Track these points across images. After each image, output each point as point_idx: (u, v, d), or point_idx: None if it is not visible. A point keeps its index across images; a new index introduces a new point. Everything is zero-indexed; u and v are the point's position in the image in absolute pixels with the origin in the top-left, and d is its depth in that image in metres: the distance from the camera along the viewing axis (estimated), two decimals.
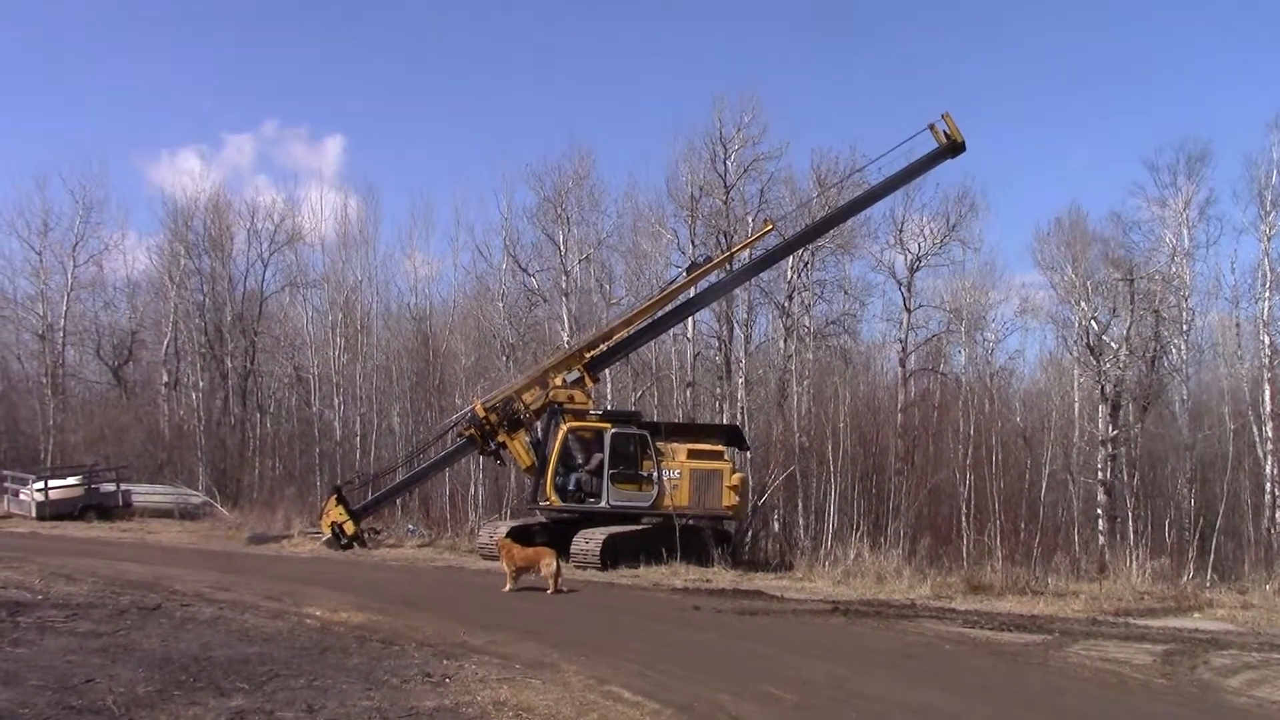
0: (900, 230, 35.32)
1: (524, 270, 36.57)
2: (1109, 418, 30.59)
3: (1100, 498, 30.07)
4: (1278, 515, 27.92)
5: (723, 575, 17.68)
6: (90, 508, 28.29)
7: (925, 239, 35.43)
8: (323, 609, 10.99)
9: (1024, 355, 50.76)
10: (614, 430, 20.00)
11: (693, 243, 32.39)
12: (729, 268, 23.66)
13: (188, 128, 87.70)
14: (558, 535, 18.71)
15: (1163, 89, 78.29)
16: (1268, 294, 29.96)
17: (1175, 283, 31.52)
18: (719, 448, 21.08)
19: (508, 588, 14.08)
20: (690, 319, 28.81)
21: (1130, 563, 20.26)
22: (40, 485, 28.18)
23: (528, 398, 20.54)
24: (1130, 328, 30.76)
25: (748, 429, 28.53)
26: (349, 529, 20.84)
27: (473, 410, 20.72)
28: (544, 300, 36.38)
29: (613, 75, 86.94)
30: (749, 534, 24.73)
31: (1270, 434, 28.78)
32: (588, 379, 20.83)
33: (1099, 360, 30.80)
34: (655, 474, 19.84)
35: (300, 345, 39.72)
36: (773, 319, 34.97)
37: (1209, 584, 21.64)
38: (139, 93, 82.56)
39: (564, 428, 19.97)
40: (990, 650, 10.98)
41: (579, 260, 34.60)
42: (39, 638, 8.44)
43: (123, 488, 29.68)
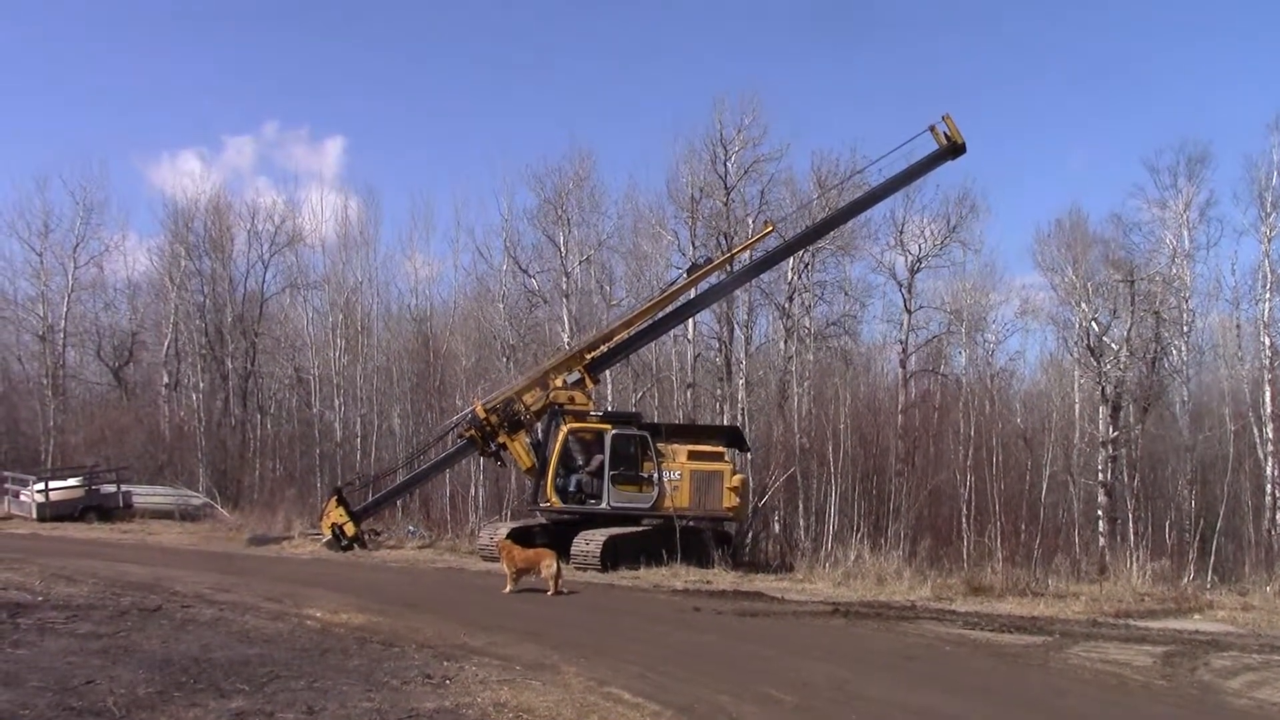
0: (901, 231, 35.43)
1: (524, 271, 36.64)
2: (1109, 419, 30.59)
3: (1101, 499, 30.06)
4: (1278, 517, 27.92)
5: (723, 577, 17.67)
6: (91, 509, 28.25)
7: (926, 240, 35.53)
8: (323, 610, 11.00)
9: (1024, 356, 50.93)
10: (614, 431, 20.00)
11: (693, 244, 32.45)
12: (729, 269, 23.65)
13: (188, 129, 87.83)
14: (558, 536, 18.69)
15: (1163, 90, 78.45)
16: (1268, 295, 29.98)
17: (1176, 284, 31.54)
18: (719, 449, 21.06)
19: (508, 589, 14.08)
20: (691, 320, 28.78)
21: (1131, 564, 20.31)
22: (41, 486, 28.15)
23: (528, 399, 20.53)
24: (1131, 329, 30.76)
25: (748, 430, 28.52)
26: (349, 530, 20.83)
27: (473, 411, 20.71)
28: (544, 301, 36.39)
29: (613, 76, 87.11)
30: (749, 535, 24.73)
31: (1271, 435, 28.78)
32: (588, 380, 20.82)
33: (1099, 361, 30.81)
34: (656, 475, 19.81)
35: (301, 346, 39.72)
36: (773, 320, 35.03)
37: (1209, 585, 21.68)
38: (139, 94, 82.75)
39: (564, 429, 19.97)
40: (991, 652, 10.98)
41: (579, 261, 34.61)
42: (39, 639, 8.44)
43: (123, 489, 29.64)
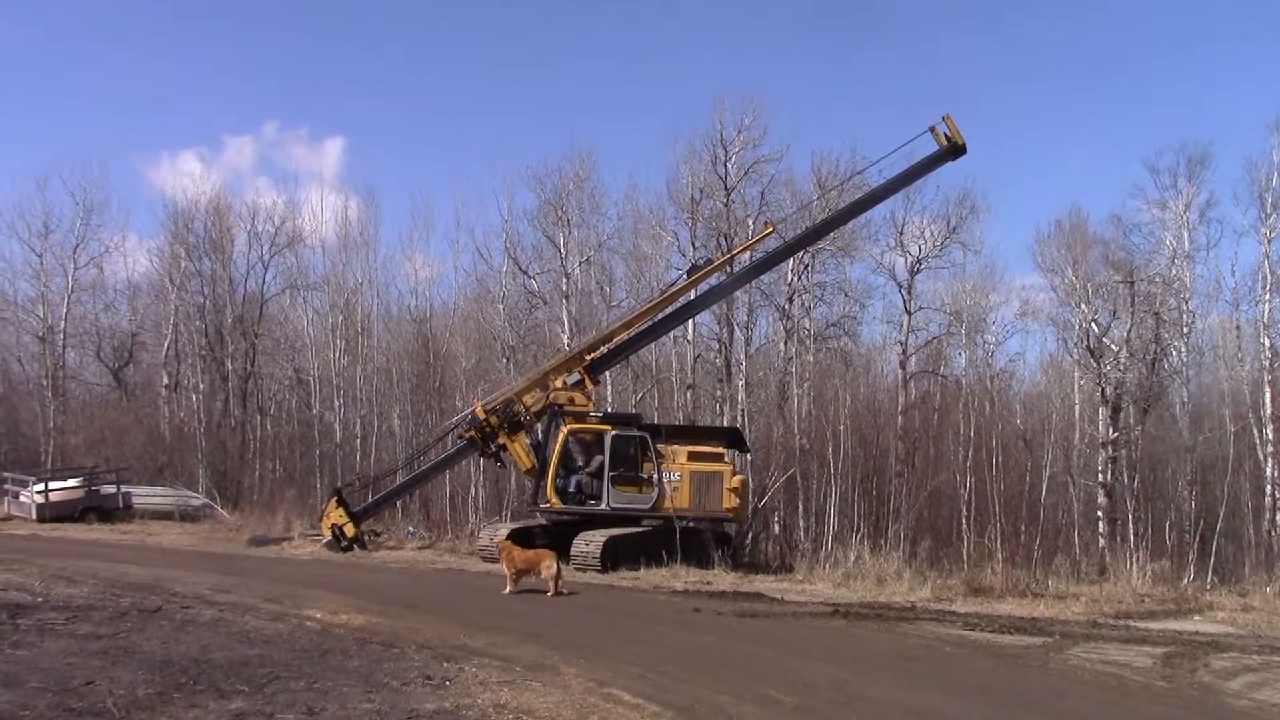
0: (900, 233, 35.46)
1: (524, 272, 36.66)
2: (1109, 420, 30.60)
3: (1100, 500, 30.07)
4: (1278, 518, 27.92)
5: (723, 577, 17.67)
6: (90, 510, 28.25)
7: (925, 241, 35.55)
8: (323, 611, 11.00)
9: (1024, 358, 50.89)
10: (614, 432, 20.00)
11: (693, 245, 32.48)
12: (729, 270, 23.65)
13: (188, 129, 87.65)
14: (558, 537, 18.68)
15: (1163, 91, 78.51)
16: (1268, 296, 30.01)
17: (1176, 285, 31.57)
18: (719, 450, 21.06)
19: (508, 590, 14.08)
20: (690, 321, 28.78)
21: (1130, 565, 20.30)
22: (41, 487, 28.14)
23: (528, 400, 20.53)
24: (1131, 330, 30.78)
25: (748, 431, 28.52)
26: (349, 531, 20.82)
27: (473, 412, 20.71)
28: (544, 302, 36.40)
29: (613, 77, 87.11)
30: (749, 536, 24.72)
31: (1271, 436, 28.80)
32: (588, 381, 20.81)
33: (1099, 362, 30.82)
34: (655, 476, 19.81)
35: (300, 347, 39.72)
36: (773, 321, 35.04)
37: (1209, 586, 21.67)
38: (139, 94, 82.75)
39: (564, 430, 19.97)
40: (991, 653, 10.98)
41: (579, 262, 34.62)
42: (39, 640, 8.44)
43: (123, 490, 29.64)
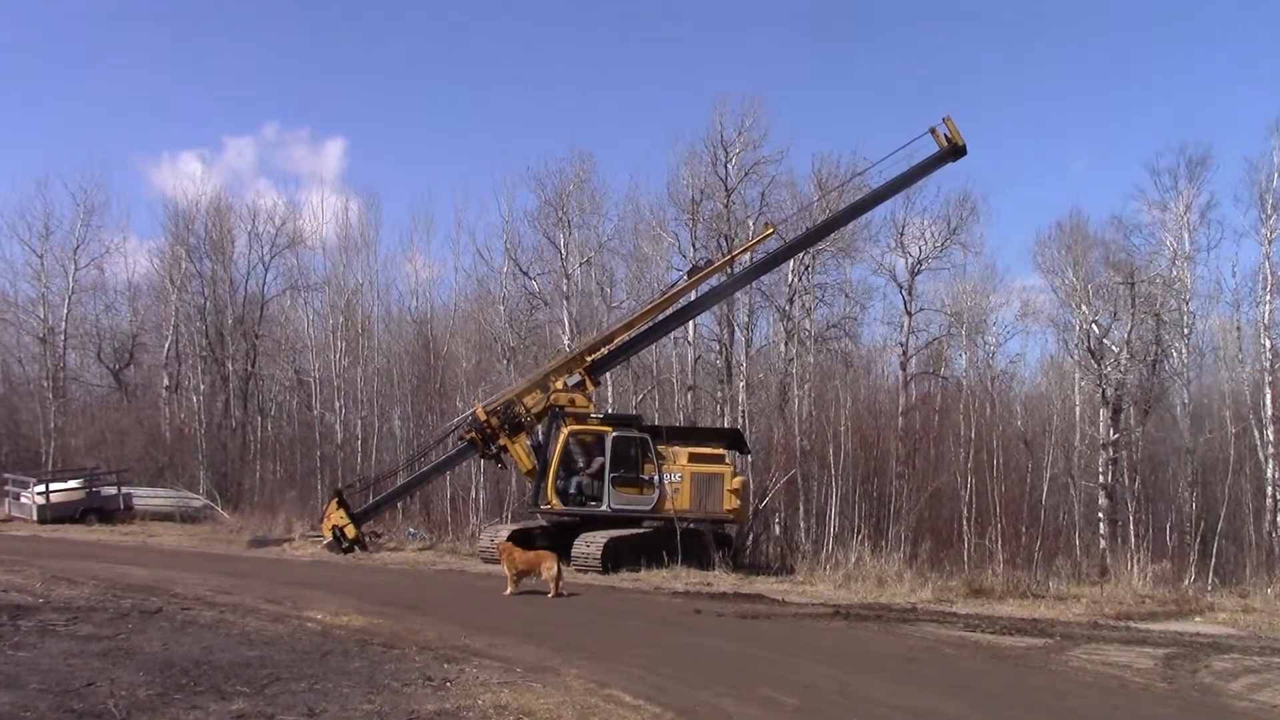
0: (901, 234, 35.44)
1: (525, 273, 36.66)
2: (1110, 421, 30.60)
3: (1101, 501, 30.07)
4: (1279, 519, 27.91)
5: (724, 579, 17.67)
6: (91, 511, 28.28)
7: (926, 242, 35.55)
8: (324, 612, 11.01)
9: (1025, 359, 50.67)
10: (615, 434, 20.00)
11: (694, 246, 32.49)
12: (730, 271, 23.65)
13: (188, 130, 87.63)
14: (559, 539, 18.68)
15: (1163, 92, 78.50)
16: (1268, 298, 30.01)
17: (1176, 286, 31.57)
18: (720, 451, 21.07)
19: (509, 591, 14.07)
20: (691, 322, 28.78)
21: (1131, 566, 20.30)
22: (41, 488, 28.16)
23: (529, 401, 20.52)
24: (1131, 331, 30.78)
25: (749, 432, 28.53)
26: (350, 532, 20.82)
27: (474, 414, 20.71)
28: (545, 304, 36.40)
29: (613, 78, 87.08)
30: (750, 537, 24.69)
31: (1271, 438, 28.79)
32: (589, 382, 20.82)
33: (1100, 364, 30.82)
34: (656, 477, 19.81)
35: (301, 348, 39.74)
36: (774, 322, 35.01)
37: (1210, 588, 21.63)
38: (139, 95, 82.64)
39: (565, 431, 19.97)
40: (991, 654, 10.97)
41: (580, 263, 34.61)
42: (40, 641, 8.45)
43: (124, 491, 29.64)
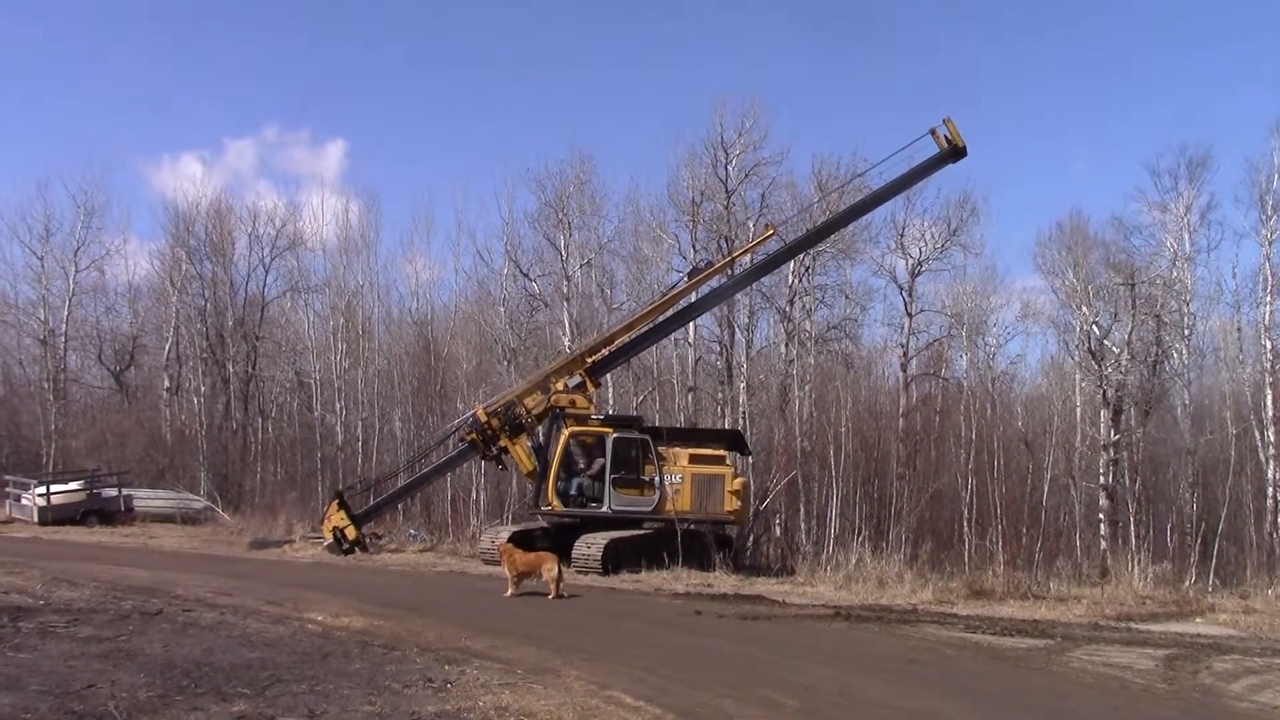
0: (901, 235, 35.50)
1: (525, 275, 36.68)
2: (1110, 422, 30.60)
3: (1102, 502, 30.07)
4: (1279, 520, 27.90)
5: (724, 580, 17.66)
6: (92, 513, 28.27)
7: (926, 243, 35.60)
8: (324, 614, 11.01)
9: (1025, 360, 50.63)
10: (616, 435, 19.99)
11: (694, 247, 32.52)
12: (730, 273, 23.65)
13: (189, 132, 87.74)
14: (559, 540, 18.67)
15: (1163, 92, 78.55)
16: (1269, 298, 30.02)
17: (1177, 287, 31.59)
18: (721, 452, 21.07)
19: (509, 593, 14.07)
20: (692, 324, 28.79)
21: (1132, 567, 20.28)
22: (42, 490, 28.15)
23: (529, 402, 20.51)
24: (1131, 332, 30.79)
25: (749, 433, 28.53)
26: (351, 534, 20.81)
27: (474, 415, 20.70)
28: (545, 305, 36.42)
29: (613, 79, 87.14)
30: (750, 539, 24.68)
31: (1272, 438, 28.79)
32: (589, 384, 20.81)
33: (1100, 365, 30.83)
34: (657, 479, 19.80)
35: (302, 350, 39.77)
36: (774, 324, 35.04)
37: (1211, 589, 21.63)
38: (140, 96, 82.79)
39: (565, 432, 19.97)
40: (992, 655, 10.96)
41: (580, 265, 34.63)
42: (40, 643, 8.45)
43: (124, 493, 29.63)
